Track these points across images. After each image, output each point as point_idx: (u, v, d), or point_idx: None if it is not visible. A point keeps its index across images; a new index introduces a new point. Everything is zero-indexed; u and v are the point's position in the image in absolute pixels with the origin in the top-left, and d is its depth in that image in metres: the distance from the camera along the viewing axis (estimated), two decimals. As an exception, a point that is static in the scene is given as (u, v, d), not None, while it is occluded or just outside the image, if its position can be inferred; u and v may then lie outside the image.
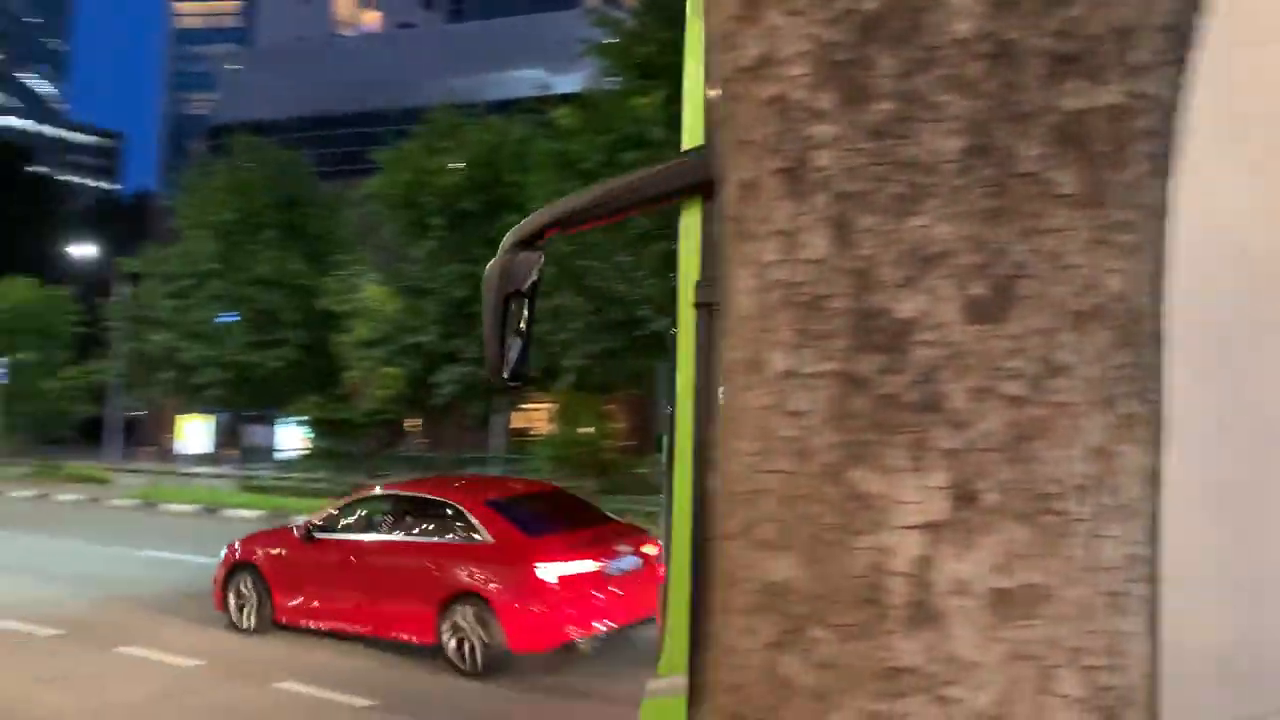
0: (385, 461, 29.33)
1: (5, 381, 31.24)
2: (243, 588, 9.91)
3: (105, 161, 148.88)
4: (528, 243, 3.46)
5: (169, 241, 35.01)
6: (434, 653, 8.55)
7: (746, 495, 1.45)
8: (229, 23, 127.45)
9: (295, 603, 9.63)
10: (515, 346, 3.44)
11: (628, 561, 8.84)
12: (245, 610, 9.85)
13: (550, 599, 8.22)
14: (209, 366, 30.26)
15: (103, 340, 37.32)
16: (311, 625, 9.52)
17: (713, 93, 1.52)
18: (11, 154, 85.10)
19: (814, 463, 1.27)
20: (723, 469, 1.67)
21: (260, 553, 10.03)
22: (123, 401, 41.78)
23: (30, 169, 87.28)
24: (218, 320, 31.04)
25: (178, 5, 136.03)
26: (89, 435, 43.87)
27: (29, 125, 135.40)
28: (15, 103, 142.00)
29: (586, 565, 8.46)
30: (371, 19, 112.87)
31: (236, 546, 10.32)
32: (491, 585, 8.39)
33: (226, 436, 42.07)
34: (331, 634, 9.32)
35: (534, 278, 3.43)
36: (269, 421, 40.00)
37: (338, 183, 38.57)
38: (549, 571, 8.26)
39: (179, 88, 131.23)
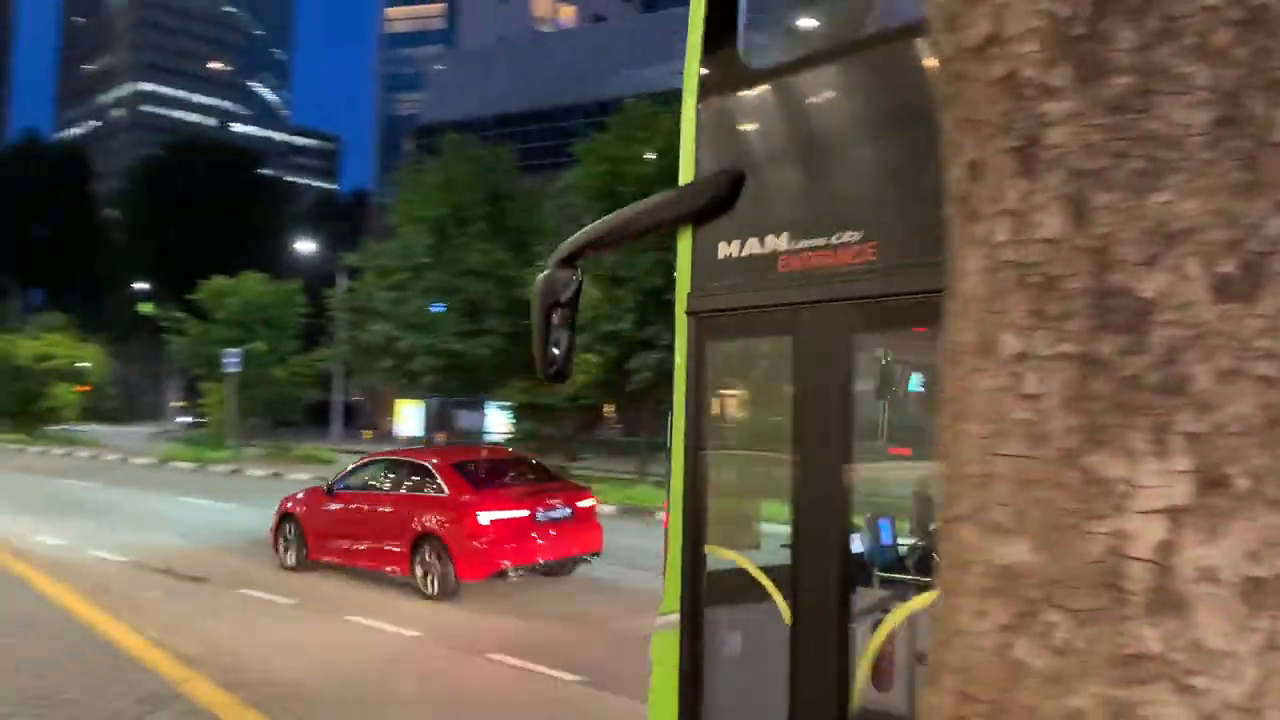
0: (583, 445, 30.07)
1: (238, 370, 33.81)
2: (287, 534, 12.26)
3: (325, 163, 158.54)
4: (567, 262, 4.12)
5: (384, 237, 37.01)
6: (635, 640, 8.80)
7: (978, 479, 1.44)
8: (435, 25, 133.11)
9: (321, 544, 11.91)
10: (561, 347, 4.10)
11: (558, 512, 11.01)
12: (289, 552, 12.18)
13: (486, 538, 10.37)
14: (423, 354, 31.80)
15: (326, 330, 39.88)
16: (332, 561, 11.74)
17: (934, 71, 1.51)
18: (246, 159, 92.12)
19: (1050, 446, 1.25)
20: (950, 451, 1.65)
21: (299, 506, 12.38)
22: (344, 387, 44.60)
23: (261, 172, 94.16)
24: (431, 310, 32.57)
25: (388, 10, 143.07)
26: (315, 419, 47.13)
27: (258, 131, 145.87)
28: (245, 110, 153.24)
29: (518, 513, 10.64)
30: (568, 14, 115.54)
31: (285, 501, 12.62)
32: (445, 528, 10.53)
33: (438, 420, 44.16)
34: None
35: (572, 291, 4.13)
36: (477, 406, 41.73)
37: (538, 176, 39.75)
38: (485, 517, 10.40)
39: (390, 89, 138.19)
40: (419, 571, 10.68)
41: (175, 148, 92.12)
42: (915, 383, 4.42)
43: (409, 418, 45.60)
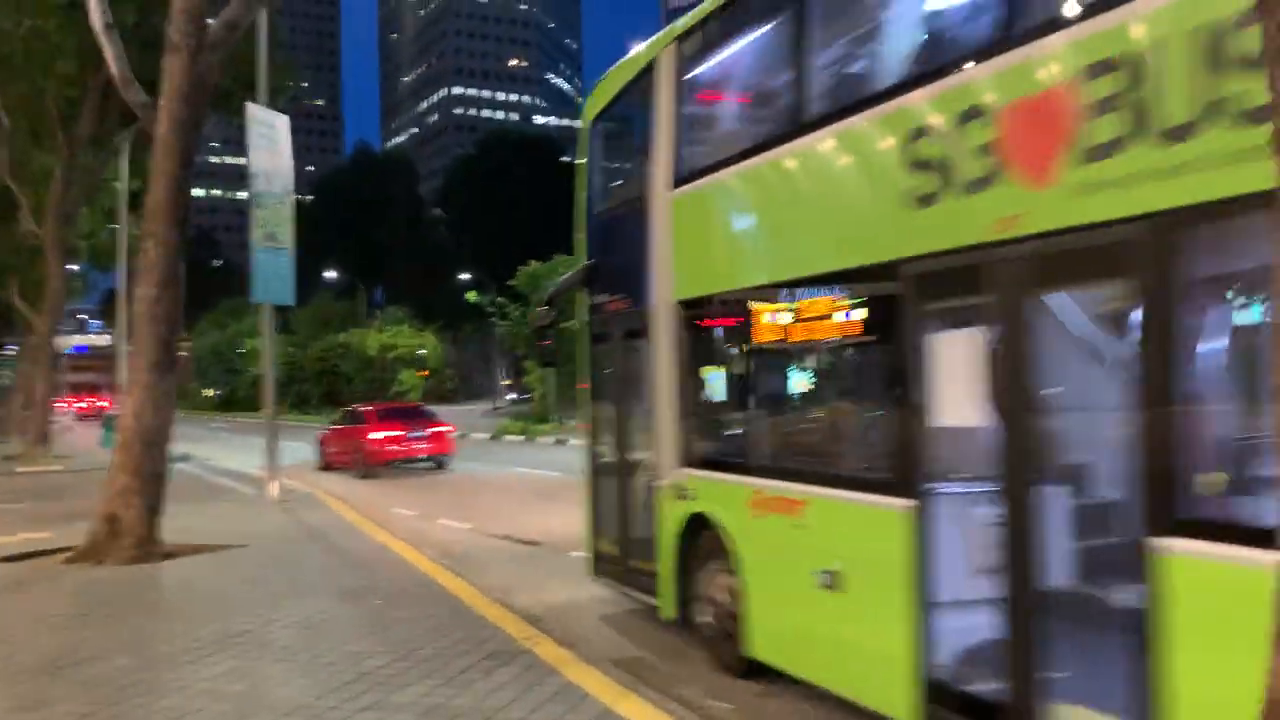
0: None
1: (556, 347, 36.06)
2: (317, 452, 25.30)
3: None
4: (545, 303, 9.22)
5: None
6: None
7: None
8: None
9: (329, 456, 24.47)
10: (548, 349, 10.05)
11: (419, 433, 22.96)
12: (320, 462, 24.71)
13: (378, 446, 22.39)
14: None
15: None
16: (333, 464, 24.05)
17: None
18: (548, 148, 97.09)
19: None
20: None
21: (322, 437, 25.32)
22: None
23: (563, 159, 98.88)
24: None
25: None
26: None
27: (556, 121, 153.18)
28: (543, 102, 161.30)
29: (393, 433, 22.66)
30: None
31: (319, 435, 25.85)
32: (363, 440, 22.46)
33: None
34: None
35: (549, 321, 9.02)
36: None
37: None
38: (378, 434, 22.54)
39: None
40: (356, 465, 22.58)
41: (484, 145, 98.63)
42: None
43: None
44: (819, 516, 5.50)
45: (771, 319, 6.03)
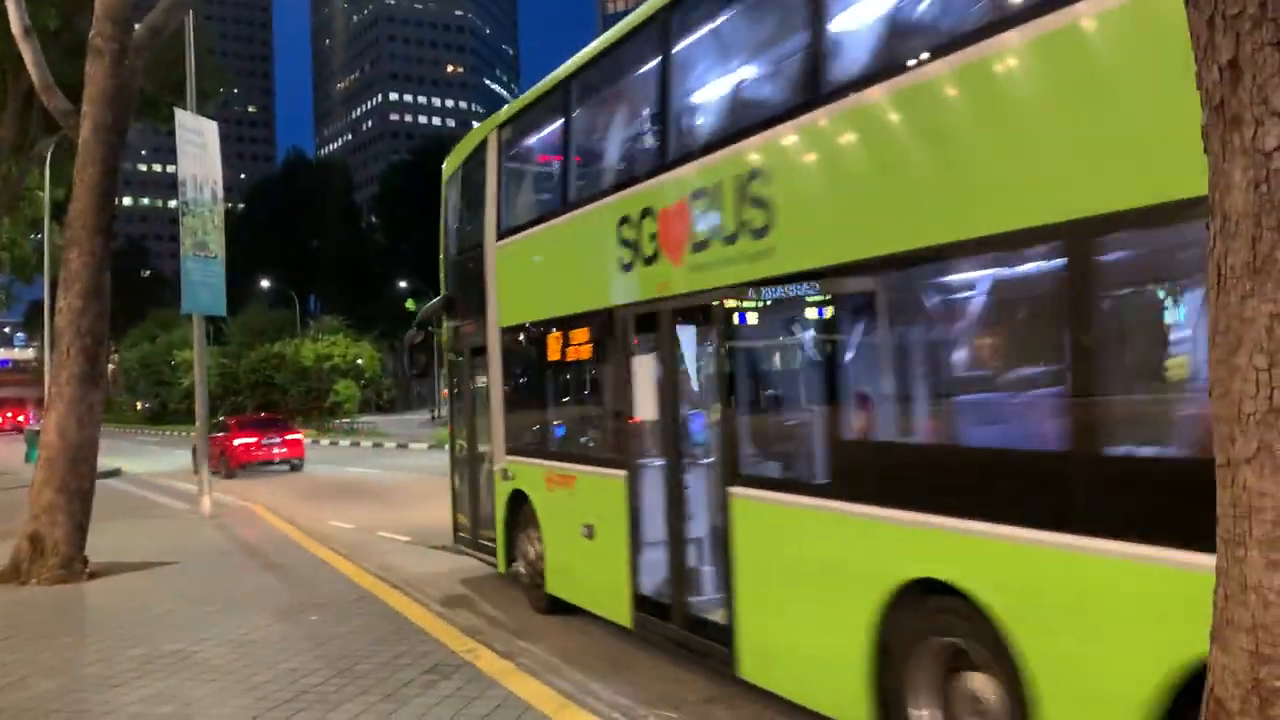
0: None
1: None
2: (191, 457, 25.23)
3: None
4: (417, 326, 11.76)
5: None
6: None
7: (1260, 417, 1.29)
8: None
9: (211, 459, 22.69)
10: (420, 365, 12.60)
11: (275, 440, 27.78)
12: (194, 466, 22.07)
13: (238, 450, 27.18)
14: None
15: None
16: (209, 467, 22.44)
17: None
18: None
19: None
20: (1224, 388, 1.48)
21: (196, 444, 22.11)
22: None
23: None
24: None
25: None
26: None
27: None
28: (480, 108, 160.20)
29: (250, 440, 27.51)
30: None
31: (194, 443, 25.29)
32: (227, 445, 26.91)
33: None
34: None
35: (420, 339, 11.79)
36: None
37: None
38: (238, 441, 27.34)
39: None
40: (221, 467, 24.94)
41: (420, 151, 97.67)
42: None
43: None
44: (582, 487, 7.93)
45: (554, 343, 8.40)
